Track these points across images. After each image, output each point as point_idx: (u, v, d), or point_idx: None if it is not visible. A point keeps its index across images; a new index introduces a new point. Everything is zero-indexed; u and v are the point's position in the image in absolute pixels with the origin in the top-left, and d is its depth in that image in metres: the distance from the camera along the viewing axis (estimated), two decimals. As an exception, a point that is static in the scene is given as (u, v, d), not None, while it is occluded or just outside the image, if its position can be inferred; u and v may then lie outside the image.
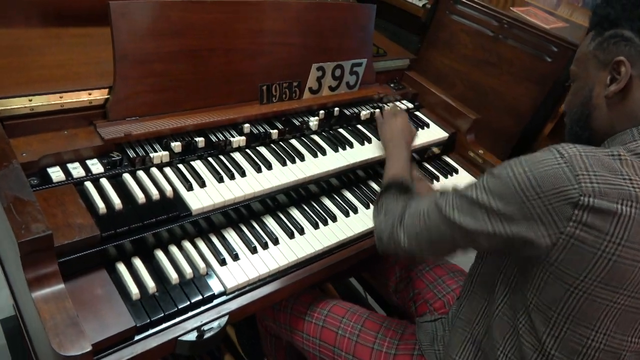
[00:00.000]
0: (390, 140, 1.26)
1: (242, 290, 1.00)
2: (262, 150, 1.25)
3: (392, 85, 1.69)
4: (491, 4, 2.42)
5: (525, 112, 2.54)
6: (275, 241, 1.11)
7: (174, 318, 0.90)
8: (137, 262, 0.96)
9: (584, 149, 0.75)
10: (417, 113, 1.67)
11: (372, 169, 1.43)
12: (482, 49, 2.56)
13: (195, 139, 1.17)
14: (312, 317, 1.18)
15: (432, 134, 1.59)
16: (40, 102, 0.99)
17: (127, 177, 1.04)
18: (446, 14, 2.60)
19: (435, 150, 1.62)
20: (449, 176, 1.55)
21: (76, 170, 1.00)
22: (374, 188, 1.39)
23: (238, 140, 1.22)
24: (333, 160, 1.31)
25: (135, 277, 0.93)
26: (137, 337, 0.86)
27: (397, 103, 1.65)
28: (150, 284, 0.92)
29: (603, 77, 0.83)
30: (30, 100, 0.98)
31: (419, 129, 1.58)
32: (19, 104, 0.97)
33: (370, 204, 1.31)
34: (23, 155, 0.95)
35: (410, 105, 1.67)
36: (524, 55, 2.22)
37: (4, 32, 1.13)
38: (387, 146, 1.26)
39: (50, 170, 0.98)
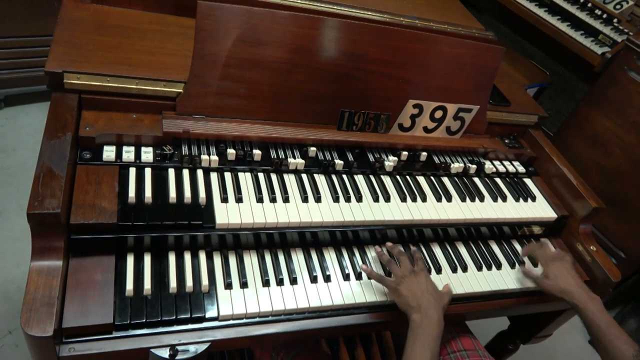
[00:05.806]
0: (422, 307, 0.93)
1: (235, 322, 0.94)
2: (320, 179, 1.16)
3: (506, 140, 1.44)
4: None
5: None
6: (294, 281, 1.02)
7: (154, 327, 0.88)
8: (147, 259, 0.95)
9: None
10: (526, 180, 1.40)
11: (444, 231, 1.24)
12: (658, 119, 2.09)
13: (253, 150, 1.13)
14: None
15: (535, 209, 1.32)
16: (117, 83, 1.05)
17: (170, 172, 1.04)
18: (624, 69, 2.18)
19: (536, 229, 1.35)
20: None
21: (128, 154, 1.03)
22: (435, 253, 1.20)
23: (296, 162, 1.15)
24: (395, 210, 1.16)
25: (137, 273, 0.93)
26: (111, 335, 0.85)
27: (506, 163, 1.41)
28: (147, 285, 0.91)
29: None
30: (108, 81, 1.04)
31: (521, 199, 1.33)
32: (97, 81, 1.03)
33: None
34: (86, 129, 1.01)
35: (522, 170, 1.41)
36: None
37: (121, 11, 1.22)
38: (413, 319, 0.93)
39: (105, 148, 1.03)
